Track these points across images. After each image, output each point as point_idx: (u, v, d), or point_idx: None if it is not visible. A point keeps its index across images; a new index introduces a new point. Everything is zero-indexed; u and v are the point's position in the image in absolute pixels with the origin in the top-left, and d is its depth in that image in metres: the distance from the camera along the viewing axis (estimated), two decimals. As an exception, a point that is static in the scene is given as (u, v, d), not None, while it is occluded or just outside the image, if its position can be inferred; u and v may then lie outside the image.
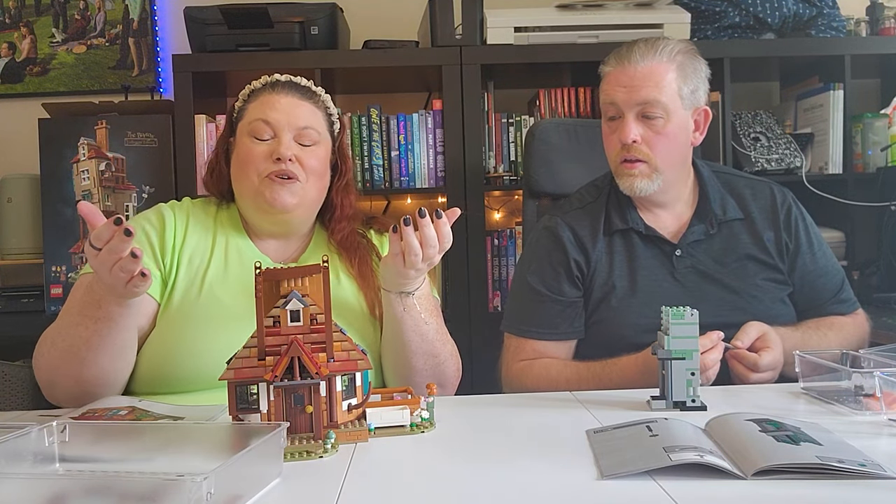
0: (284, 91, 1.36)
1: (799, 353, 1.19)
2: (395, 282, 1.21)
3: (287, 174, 1.31)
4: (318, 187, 1.37)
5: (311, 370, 0.91)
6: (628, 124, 1.42)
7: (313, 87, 1.40)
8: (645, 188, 1.45)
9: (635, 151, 1.43)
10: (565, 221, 1.54)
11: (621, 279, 1.48)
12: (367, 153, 2.49)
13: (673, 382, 1.09)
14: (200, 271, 1.31)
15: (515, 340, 1.51)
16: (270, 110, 1.34)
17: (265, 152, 1.32)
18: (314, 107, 1.38)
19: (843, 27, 2.53)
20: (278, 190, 1.31)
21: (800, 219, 1.52)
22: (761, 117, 2.59)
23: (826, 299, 1.51)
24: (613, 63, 1.46)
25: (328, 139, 1.40)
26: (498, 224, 2.72)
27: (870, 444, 0.88)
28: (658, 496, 0.74)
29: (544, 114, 2.54)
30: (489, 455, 0.91)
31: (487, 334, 1.61)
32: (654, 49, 1.43)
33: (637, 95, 1.41)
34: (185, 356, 1.23)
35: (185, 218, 1.38)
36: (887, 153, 2.35)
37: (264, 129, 1.33)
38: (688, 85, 1.45)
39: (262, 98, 1.36)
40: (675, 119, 1.43)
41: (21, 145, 2.67)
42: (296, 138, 1.34)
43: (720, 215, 1.50)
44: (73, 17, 2.87)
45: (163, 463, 0.83)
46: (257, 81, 1.40)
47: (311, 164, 1.34)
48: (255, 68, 2.39)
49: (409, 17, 2.64)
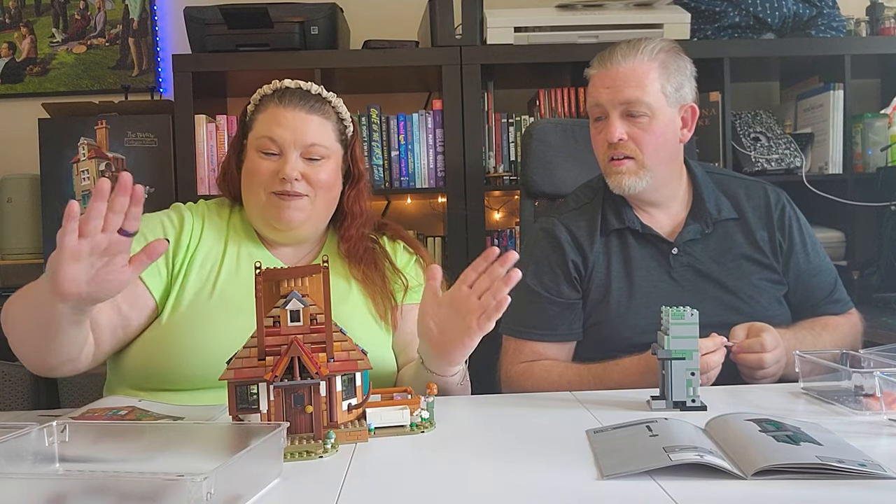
0: (292, 104, 1.33)
1: (799, 353, 1.19)
2: (442, 358, 1.15)
3: (293, 193, 1.30)
4: (327, 200, 1.36)
5: (311, 370, 0.91)
6: (613, 123, 1.44)
7: (324, 94, 1.37)
8: (633, 185, 1.46)
9: (622, 149, 1.45)
10: (562, 222, 1.54)
11: (618, 279, 1.48)
12: (367, 153, 2.49)
13: (673, 382, 1.09)
14: (213, 274, 1.31)
15: (514, 342, 1.51)
16: (276, 126, 1.32)
17: (272, 170, 1.31)
18: (323, 118, 1.35)
19: (843, 27, 2.53)
20: (284, 208, 1.31)
21: (793, 219, 1.52)
22: (761, 117, 2.59)
23: (820, 299, 1.51)
24: (597, 65, 1.48)
25: (338, 149, 1.38)
26: (498, 224, 2.72)
27: (870, 444, 0.88)
28: (658, 496, 0.74)
29: (544, 114, 2.53)
30: (489, 455, 0.91)
31: (487, 334, 1.60)
32: (636, 49, 1.45)
33: (620, 95, 1.43)
34: (194, 355, 1.23)
35: (202, 221, 1.37)
36: (887, 153, 2.35)
37: (270, 146, 1.32)
38: (671, 83, 1.46)
39: (269, 110, 1.34)
40: (660, 116, 1.44)
41: (21, 145, 2.66)
42: (303, 154, 1.32)
43: (715, 214, 1.50)
44: (73, 17, 2.87)
45: (163, 463, 0.83)
46: (268, 86, 1.37)
47: (320, 178, 1.33)
48: (255, 68, 2.39)
49: (409, 17, 2.64)
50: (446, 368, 1.17)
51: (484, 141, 2.49)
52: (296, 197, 1.31)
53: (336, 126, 1.38)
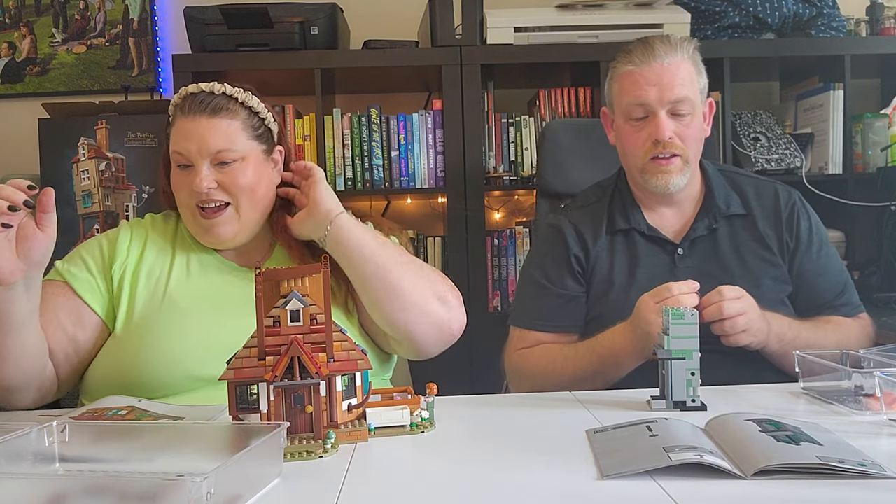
0: (192, 111, 1.28)
1: (799, 352, 1.19)
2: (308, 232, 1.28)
3: (211, 202, 1.27)
4: (252, 201, 1.31)
5: (311, 370, 0.91)
6: (662, 121, 1.42)
7: (229, 91, 1.29)
8: (679, 183, 1.46)
9: (671, 147, 1.43)
10: (569, 218, 1.56)
11: (621, 276, 1.49)
12: (367, 153, 2.50)
13: (673, 382, 1.09)
14: (161, 283, 1.30)
15: (518, 332, 1.53)
16: (182, 139, 1.28)
17: (188, 183, 1.28)
18: (230, 119, 1.28)
19: (843, 27, 2.53)
20: (209, 225, 1.29)
21: (803, 218, 1.51)
22: (761, 117, 2.59)
23: (826, 301, 1.49)
24: (636, 62, 1.44)
25: (255, 146, 1.31)
26: (498, 224, 2.72)
27: (870, 444, 0.88)
28: (658, 496, 0.74)
29: (544, 114, 2.54)
30: (489, 455, 0.91)
31: (487, 334, 1.60)
32: (673, 46, 1.44)
33: (670, 93, 1.42)
34: (149, 362, 1.22)
35: (144, 235, 1.36)
36: (887, 153, 2.35)
37: (181, 160, 1.28)
38: (702, 79, 1.47)
39: (177, 122, 1.30)
40: (697, 113, 1.46)
41: (21, 145, 2.66)
42: (213, 161, 1.27)
43: (724, 209, 1.50)
44: (73, 17, 2.87)
45: (163, 463, 0.83)
46: (177, 95, 1.32)
47: (238, 182, 1.28)
48: (255, 68, 2.40)
49: (409, 17, 2.65)
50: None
51: (484, 141, 2.49)
52: (219, 210, 1.28)
53: (247, 122, 1.30)
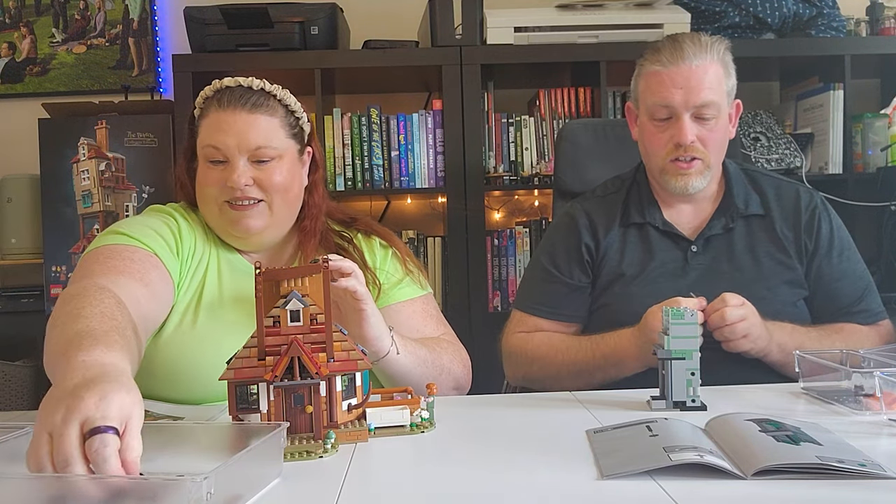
0: (232, 105, 1.24)
1: (799, 352, 1.19)
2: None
3: (245, 199, 1.24)
4: (286, 201, 1.28)
5: (311, 370, 0.91)
6: (685, 125, 1.40)
7: (268, 88, 1.27)
8: (699, 185, 1.44)
9: (692, 151, 1.42)
10: (584, 208, 1.56)
11: (631, 268, 1.48)
12: (367, 153, 2.50)
13: (673, 382, 1.09)
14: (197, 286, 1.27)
15: (519, 314, 1.54)
16: (218, 133, 1.24)
17: (221, 179, 1.24)
18: (269, 116, 1.25)
19: (843, 27, 2.53)
20: (240, 217, 1.25)
21: (825, 221, 1.48)
22: (761, 117, 2.59)
23: (843, 306, 1.45)
24: (664, 62, 1.41)
25: (291, 146, 1.29)
26: (498, 224, 2.72)
27: (870, 444, 0.88)
28: (658, 496, 0.74)
29: (544, 114, 2.54)
30: (489, 455, 0.91)
31: (487, 334, 1.60)
32: (703, 47, 1.41)
33: (696, 98, 1.39)
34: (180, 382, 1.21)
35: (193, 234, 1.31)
36: (887, 153, 2.36)
37: (216, 154, 1.24)
38: (730, 80, 1.45)
39: (211, 115, 1.26)
40: (722, 116, 1.44)
41: (21, 145, 2.67)
42: (251, 158, 1.24)
43: (742, 209, 1.48)
44: (73, 17, 2.87)
45: (163, 463, 0.83)
46: (209, 88, 1.28)
47: (274, 181, 1.25)
48: (255, 68, 2.38)
49: (409, 17, 2.65)
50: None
51: (484, 141, 2.49)
52: (252, 206, 1.25)
53: (285, 121, 1.28)
